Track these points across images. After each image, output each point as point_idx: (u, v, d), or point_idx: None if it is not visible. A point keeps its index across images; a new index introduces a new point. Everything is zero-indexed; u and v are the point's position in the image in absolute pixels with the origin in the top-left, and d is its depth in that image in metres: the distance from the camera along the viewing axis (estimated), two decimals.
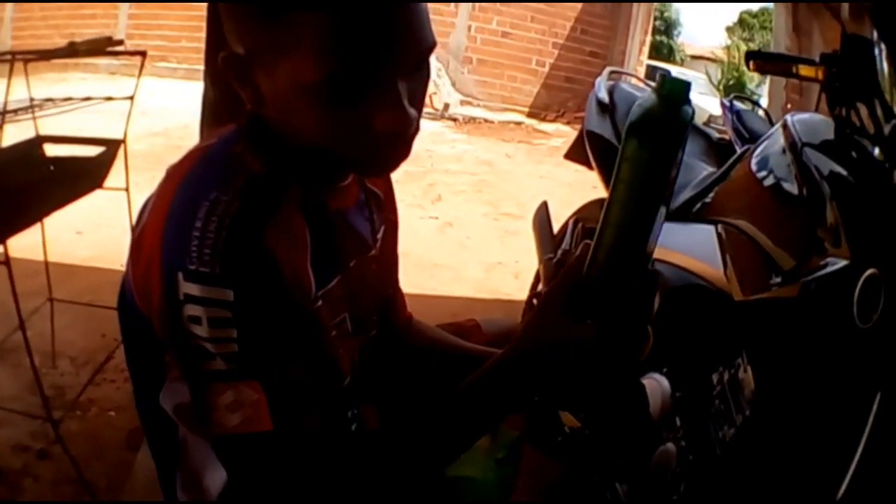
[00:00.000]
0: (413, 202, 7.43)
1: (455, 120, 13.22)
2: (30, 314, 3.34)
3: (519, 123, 13.69)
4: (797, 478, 1.57)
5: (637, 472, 2.07)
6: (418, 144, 1.13)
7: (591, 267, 1.03)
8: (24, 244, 3.36)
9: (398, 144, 1.11)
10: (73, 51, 3.71)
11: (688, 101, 0.97)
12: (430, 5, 1.06)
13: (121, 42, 4.13)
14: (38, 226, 3.35)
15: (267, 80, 1.06)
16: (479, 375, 1.08)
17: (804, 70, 2.08)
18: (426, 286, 4.98)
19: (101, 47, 3.91)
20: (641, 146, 0.95)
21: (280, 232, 1.03)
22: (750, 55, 2.23)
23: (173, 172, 1.09)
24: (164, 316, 1.00)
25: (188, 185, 1.05)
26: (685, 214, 2.52)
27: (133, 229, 1.11)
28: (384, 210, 1.48)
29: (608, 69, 3.63)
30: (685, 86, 0.97)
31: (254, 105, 1.11)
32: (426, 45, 1.06)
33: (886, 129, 1.72)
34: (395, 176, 1.30)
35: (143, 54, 3.54)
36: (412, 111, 1.06)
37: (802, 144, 1.96)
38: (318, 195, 1.19)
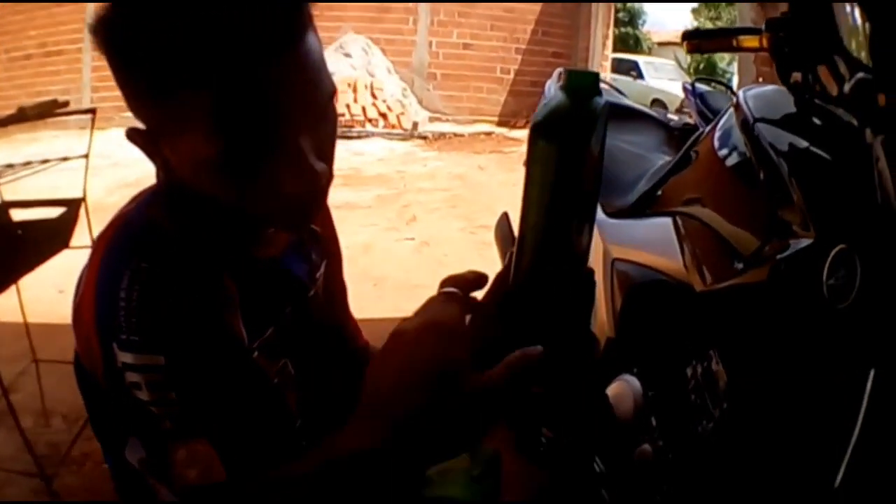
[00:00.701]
0: (388, 225, 7.47)
1: (425, 138, 13.19)
2: (16, 376, 3.57)
3: (489, 133, 13.74)
4: (787, 468, 1.52)
5: (617, 477, 2.04)
6: (390, 167, 1.12)
7: (516, 275, 1.00)
8: (6, 307, 3.65)
9: (310, 201, 1.09)
10: (24, 116, 3.78)
11: (598, 93, 0.94)
12: (388, 26, 1.04)
13: (66, 104, 4.23)
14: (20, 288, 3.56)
15: (173, 153, 1.05)
16: None
17: (746, 41, 1.94)
18: (406, 309, 4.74)
19: (49, 110, 3.99)
20: (549, 144, 0.90)
21: (204, 291, 1.05)
22: (684, 36, 2.07)
23: (98, 243, 1.10)
24: (109, 384, 1.02)
25: (110, 255, 1.06)
26: (642, 209, 2.44)
27: (73, 298, 1.10)
28: (324, 244, 1.46)
29: (558, 70, 3.60)
30: (592, 78, 0.92)
31: (166, 175, 1.11)
32: (324, 96, 1.04)
33: (847, 87, 1.57)
34: (368, 201, 1.29)
35: (92, 112, 3.62)
36: (320, 165, 1.03)
37: (755, 120, 1.85)
38: (242, 248, 1.19)
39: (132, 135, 1.07)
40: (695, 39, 2.05)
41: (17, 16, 14.27)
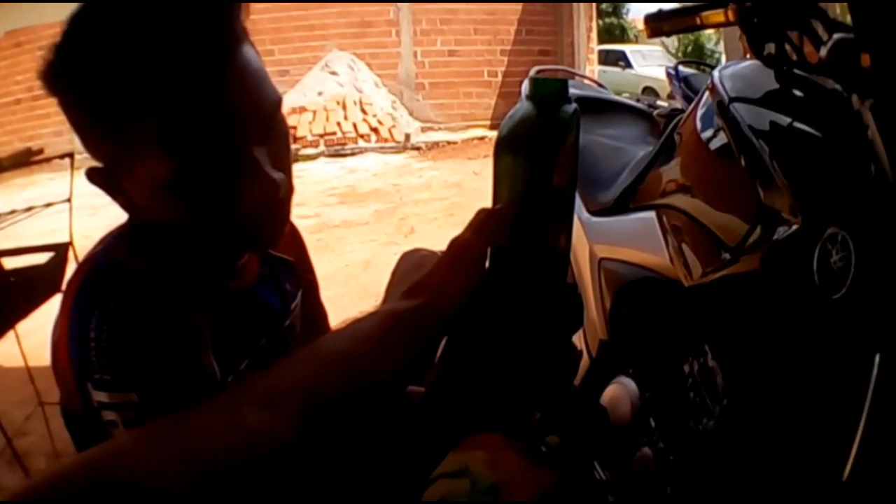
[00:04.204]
0: (387, 240, 7.46)
1: (418, 149, 13.19)
2: (25, 420, 3.68)
3: (482, 138, 13.69)
4: (792, 464, 1.44)
5: (619, 482, 1.98)
6: (385, 181, 1.08)
7: (492, 295, 0.93)
8: (10, 354, 3.78)
9: (273, 213, 1.10)
10: (1, 167, 3.84)
11: (566, 101, 0.88)
12: (371, 40, 0.99)
13: (40, 151, 4.32)
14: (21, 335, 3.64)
15: (131, 185, 1.07)
16: None
17: (711, 17, 1.79)
18: None
19: (25, 159, 4.08)
20: (516, 159, 0.85)
21: (172, 327, 1.05)
22: (644, 20, 1.95)
23: (69, 286, 1.11)
24: (89, 424, 1.03)
25: (80, 297, 1.07)
26: (624, 204, 2.37)
27: (50, 343, 1.11)
28: (299, 274, 1.46)
29: (535, 69, 3.54)
30: (559, 85, 0.87)
31: (129, 210, 1.13)
32: (268, 105, 1.05)
33: (825, 51, 1.47)
34: (366, 218, 1.26)
35: (70, 156, 3.71)
36: (277, 175, 1.05)
37: (730, 100, 1.75)
38: (212, 281, 1.20)
39: (92, 175, 1.09)
40: (655, 22, 1.93)
41: (2, 62, 14.33)
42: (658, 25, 1.90)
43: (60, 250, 3.66)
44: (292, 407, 0.75)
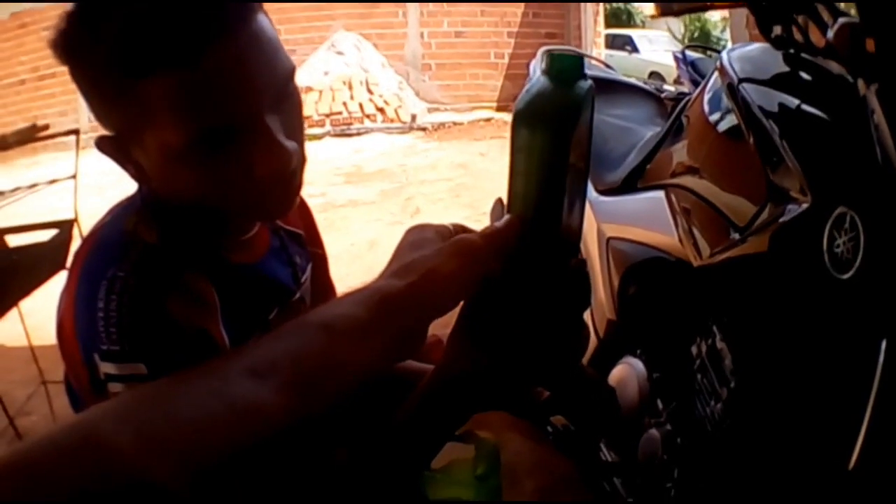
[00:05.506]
0: (392, 220, 7.45)
1: (424, 129, 13.09)
2: (27, 399, 3.68)
3: (488, 120, 13.60)
4: (798, 450, 1.42)
5: (626, 465, 1.98)
6: (391, 161, 1.07)
7: (504, 267, 0.94)
8: (13, 333, 3.82)
9: (285, 181, 1.09)
10: (6, 144, 3.81)
11: (582, 77, 0.88)
12: (378, 20, 0.99)
13: (46, 127, 4.29)
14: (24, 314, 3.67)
15: (142, 154, 1.06)
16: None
17: None
18: None
19: (30, 135, 4.05)
20: (533, 133, 0.85)
21: (181, 298, 1.05)
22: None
23: (76, 258, 1.11)
24: (93, 397, 1.01)
25: (87, 268, 1.07)
26: (633, 183, 2.37)
27: (56, 316, 1.11)
28: (308, 246, 1.47)
29: (542, 49, 3.51)
30: (576, 61, 0.87)
31: (139, 180, 1.14)
32: (282, 73, 1.05)
33: (831, 34, 1.47)
34: (372, 197, 1.26)
35: (75, 133, 3.67)
36: (290, 143, 1.04)
37: (739, 81, 1.76)
38: (221, 253, 1.19)
39: (102, 143, 1.09)
40: (665, 1, 1.93)
41: (7, 42, 14.27)
42: (668, 5, 1.90)
43: (65, 227, 3.63)
44: (278, 376, 0.75)
